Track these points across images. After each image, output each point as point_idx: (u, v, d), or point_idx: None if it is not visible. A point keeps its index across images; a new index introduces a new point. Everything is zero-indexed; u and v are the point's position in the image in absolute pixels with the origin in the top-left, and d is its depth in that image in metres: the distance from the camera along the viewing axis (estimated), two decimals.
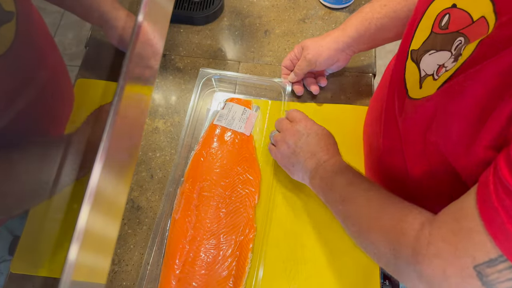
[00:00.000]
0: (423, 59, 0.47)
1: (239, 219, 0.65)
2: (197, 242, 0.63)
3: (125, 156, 0.30)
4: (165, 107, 0.78)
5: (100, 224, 0.25)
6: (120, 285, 0.63)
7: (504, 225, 0.33)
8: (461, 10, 0.42)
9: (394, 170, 0.58)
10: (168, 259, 0.63)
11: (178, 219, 0.65)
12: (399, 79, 0.52)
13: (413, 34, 0.50)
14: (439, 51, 0.44)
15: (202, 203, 0.66)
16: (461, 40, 0.41)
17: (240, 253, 0.63)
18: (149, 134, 0.75)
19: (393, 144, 0.56)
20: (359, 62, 0.82)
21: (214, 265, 0.62)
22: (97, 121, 0.39)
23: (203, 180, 0.68)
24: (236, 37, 0.86)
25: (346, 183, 0.55)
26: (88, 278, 0.25)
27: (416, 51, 0.48)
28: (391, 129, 0.56)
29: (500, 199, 0.33)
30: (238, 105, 0.75)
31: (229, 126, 0.73)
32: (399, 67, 0.53)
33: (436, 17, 0.45)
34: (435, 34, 0.46)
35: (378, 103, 0.64)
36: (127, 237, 0.66)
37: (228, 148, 0.71)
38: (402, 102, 0.50)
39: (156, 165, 0.72)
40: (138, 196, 0.70)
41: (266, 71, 0.82)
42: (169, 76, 0.81)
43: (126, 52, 0.29)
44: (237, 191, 0.67)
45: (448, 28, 0.43)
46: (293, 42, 0.85)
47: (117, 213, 0.28)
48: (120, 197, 0.28)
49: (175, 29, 0.87)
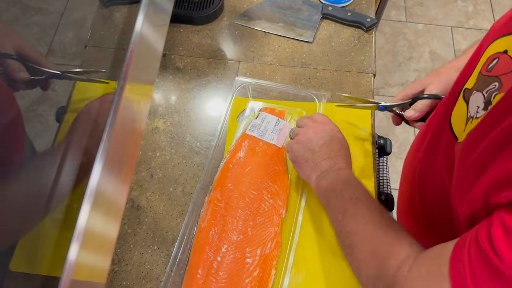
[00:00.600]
0: (471, 98, 0.47)
1: (265, 233, 0.63)
2: (221, 253, 0.62)
3: (125, 156, 0.30)
4: (165, 107, 0.78)
5: (100, 224, 0.25)
6: (120, 285, 0.63)
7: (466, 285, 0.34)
8: (510, 57, 0.41)
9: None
10: (191, 268, 0.62)
11: (204, 227, 0.64)
12: (446, 118, 0.51)
13: (471, 73, 0.49)
14: (478, 91, 0.44)
15: (229, 213, 0.65)
16: (496, 85, 0.41)
17: (264, 268, 0.61)
18: (149, 134, 0.75)
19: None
20: (359, 62, 0.82)
21: (237, 278, 0.60)
22: (82, 125, 0.38)
23: (231, 189, 0.67)
24: (236, 37, 0.86)
25: (353, 197, 0.55)
26: (88, 277, 0.25)
27: (469, 90, 0.48)
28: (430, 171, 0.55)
29: (470, 259, 0.35)
30: (271, 116, 0.74)
31: (261, 137, 0.72)
32: (449, 103, 0.52)
33: (487, 59, 0.45)
34: (481, 75, 0.45)
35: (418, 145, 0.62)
36: (127, 236, 0.67)
37: (258, 159, 0.70)
38: (452, 148, 0.49)
39: (156, 165, 0.72)
40: (138, 196, 0.70)
41: (266, 71, 0.82)
42: (169, 76, 0.81)
43: (126, 52, 0.30)
44: (265, 204, 0.66)
45: (492, 72, 0.43)
46: (293, 42, 0.85)
47: (117, 213, 0.28)
48: (120, 197, 0.28)
49: (175, 29, 0.87)
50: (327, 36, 0.86)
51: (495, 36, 0.46)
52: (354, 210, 0.53)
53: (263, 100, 0.78)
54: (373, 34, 0.86)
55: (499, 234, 0.33)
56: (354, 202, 0.54)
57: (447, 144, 0.51)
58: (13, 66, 0.37)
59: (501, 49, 0.44)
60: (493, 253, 0.33)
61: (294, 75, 0.81)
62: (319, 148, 0.60)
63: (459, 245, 0.37)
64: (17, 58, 0.37)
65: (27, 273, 0.35)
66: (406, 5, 2.16)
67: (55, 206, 0.31)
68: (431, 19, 2.12)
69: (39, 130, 0.39)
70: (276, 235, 0.63)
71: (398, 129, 1.80)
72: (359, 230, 0.52)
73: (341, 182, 0.57)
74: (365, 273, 0.48)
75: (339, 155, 0.60)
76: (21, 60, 0.37)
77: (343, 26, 0.87)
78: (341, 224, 0.54)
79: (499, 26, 0.46)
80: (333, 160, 0.59)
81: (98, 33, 0.50)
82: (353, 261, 0.52)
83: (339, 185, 0.57)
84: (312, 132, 0.62)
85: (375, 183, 0.69)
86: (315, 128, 0.62)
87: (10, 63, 0.37)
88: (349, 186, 0.56)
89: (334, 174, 0.58)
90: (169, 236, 0.66)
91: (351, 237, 0.53)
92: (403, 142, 1.76)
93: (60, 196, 0.31)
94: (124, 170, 0.29)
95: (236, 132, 0.74)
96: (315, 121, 0.64)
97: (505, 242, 0.32)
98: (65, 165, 0.32)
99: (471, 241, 0.36)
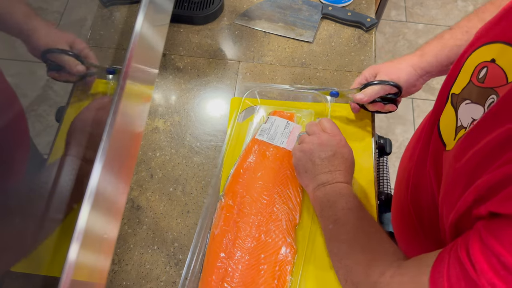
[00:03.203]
0: (461, 107, 0.47)
1: (279, 239, 0.63)
2: (235, 260, 0.61)
3: (125, 156, 0.30)
4: (165, 106, 0.78)
5: (100, 224, 0.25)
6: (120, 285, 0.63)
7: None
8: (499, 67, 0.42)
9: None
10: (206, 275, 0.61)
11: (218, 234, 0.64)
12: (434, 123, 0.52)
13: (456, 76, 0.49)
14: (474, 103, 0.44)
15: (242, 220, 0.65)
16: (494, 98, 0.41)
17: (280, 274, 0.61)
18: (149, 134, 0.75)
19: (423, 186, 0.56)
20: (359, 62, 0.82)
21: (252, 285, 0.60)
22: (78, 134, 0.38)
23: (243, 195, 0.67)
24: (236, 37, 0.86)
25: (345, 207, 0.56)
26: (88, 277, 0.25)
27: (456, 96, 0.48)
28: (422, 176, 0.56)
29: (449, 269, 0.36)
30: (280, 119, 0.74)
31: (270, 141, 0.71)
32: (438, 107, 0.52)
33: (476, 67, 0.45)
34: (473, 85, 0.45)
35: (410, 150, 0.63)
36: (127, 236, 0.67)
37: (269, 164, 0.69)
38: (440, 155, 0.49)
39: (156, 165, 0.72)
40: (138, 196, 0.70)
41: (266, 70, 0.82)
42: (169, 76, 0.81)
43: (126, 52, 0.30)
44: (277, 209, 0.65)
45: (484, 82, 0.43)
46: (293, 42, 0.85)
47: (117, 213, 0.28)
48: (120, 197, 0.28)
49: (175, 29, 0.87)
50: (327, 36, 0.86)
51: (480, 43, 0.46)
52: (344, 220, 0.54)
53: (271, 102, 0.77)
54: (373, 34, 0.86)
55: (476, 246, 0.33)
56: (345, 212, 0.55)
57: (434, 150, 0.51)
58: (70, 61, 0.40)
59: (488, 57, 0.44)
60: (470, 265, 0.33)
61: (294, 75, 0.81)
62: (320, 161, 0.60)
63: (441, 255, 0.38)
64: (72, 54, 0.40)
65: (27, 273, 0.35)
66: (406, 5, 2.16)
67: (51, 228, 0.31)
68: (431, 19, 2.12)
69: (39, 130, 0.39)
70: (290, 240, 0.63)
71: (398, 129, 1.80)
72: (347, 239, 0.53)
73: (336, 194, 0.58)
74: (350, 279, 0.50)
75: (339, 170, 0.60)
76: (75, 55, 0.41)
77: (343, 26, 0.87)
78: (331, 233, 0.56)
79: (484, 32, 0.46)
80: (332, 174, 0.59)
81: (98, 33, 0.49)
82: (339, 268, 0.53)
83: (333, 196, 0.57)
84: (317, 144, 0.62)
85: (375, 183, 0.69)
86: (321, 139, 0.62)
87: (67, 58, 0.41)
88: (342, 197, 0.57)
89: (330, 187, 0.59)
90: (169, 236, 0.66)
91: (339, 244, 0.54)
92: (403, 142, 1.76)
93: (57, 213, 0.31)
94: (124, 170, 0.29)
95: (246, 137, 0.74)
96: (323, 131, 0.64)
97: (481, 254, 0.33)
98: (62, 178, 0.32)
99: (452, 253, 0.36)
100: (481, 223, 0.35)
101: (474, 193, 0.36)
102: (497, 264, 0.31)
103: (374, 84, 0.66)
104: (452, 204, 0.40)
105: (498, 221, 0.33)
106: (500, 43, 0.42)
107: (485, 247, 0.33)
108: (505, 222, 0.32)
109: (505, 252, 0.31)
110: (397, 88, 0.66)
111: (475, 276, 0.33)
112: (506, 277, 0.30)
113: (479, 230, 0.34)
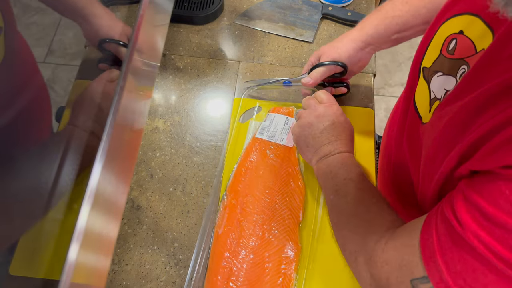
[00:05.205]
0: (433, 79, 0.48)
1: (282, 237, 0.63)
2: (240, 259, 0.62)
3: (125, 156, 0.30)
4: (165, 106, 0.78)
5: (100, 224, 0.25)
6: (120, 285, 0.63)
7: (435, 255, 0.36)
8: (467, 38, 0.43)
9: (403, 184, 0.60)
10: (211, 275, 0.61)
11: (222, 234, 0.64)
12: (410, 98, 0.53)
13: (425, 50, 0.50)
14: (446, 75, 0.45)
15: (245, 219, 0.65)
16: (465, 68, 0.42)
17: (285, 273, 0.61)
18: (149, 134, 0.75)
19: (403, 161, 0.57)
20: None
21: (257, 284, 0.60)
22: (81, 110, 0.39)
23: (246, 194, 0.67)
24: (236, 37, 0.86)
25: (346, 177, 0.56)
26: (88, 278, 0.25)
27: (428, 69, 0.49)
28: (400, 148, 0.57)
29: (437, 229, 0.37)
30: (280, 115, 0.74)
31: (271, 139, 0.72)
32: (411, 83, 0.53)
33: (445, 39, 0.46)
34: (443, 57, 0.46)
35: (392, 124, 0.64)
36: (127, 237, 0.66)
37: (270, 162, 0.69)
38: (416, 129, 0.50)
39: (156, 165, 0.72)
40: (138, 196, 0.70)
41: (266, 70, 0.81)
42: (169, 76, 0.81)
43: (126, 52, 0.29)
44: (280, 208, 0.65)
45: (454, 54, 0.44)
46: (293, 42, 0.85)
47: (117, 213, 0.28)
48: (120, 197, 0.28)
49: (175, 28, 0.87)
50: (327, 36, 0.86)
51: (448, 15, 0.47)
52: (345, 190, 0.55)
53: (271, 103, 0.77)
54: None
55: (460, 203, 0.35)
56: (346, 182, 0.55)
57: (411, 123, 0.52)
58: (122, 51, 0.40)
59: (456, 29, 0.45)
60: (456, 221, 0.35)
61: (294, 75, 0.81)
62: (320, 134, 0.61)
63: (428, 218, 0.40)
64: (123, 44, 0.41)
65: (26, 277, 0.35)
66: None
67: (57, 198, 0.31)
68: None
69: None
70: (294, 238, 0.63)
71: None
72: (346, 209, 0.53)
73: (338, 164, 0.58)
74: (348, 248, 0.50)
75: (339, 139, 0.60)
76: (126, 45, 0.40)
77: (343, 26, 0.87)
78: (332, 203, 0.56)
79: (451, 5, 0.47)
80: (333, 145, 0.60)
81: None
82: (339, 238, 0.54)
83: (335, 167, 0.58)
84: (314, 116, 0.62)
85: (376, 183, 0.69)
86: (317, 112, 0.62)
87: (120, 48, 0.41)
88: (344, 167, 0.57)
89: (332, 157, 0.59)
90: (169, 236, 0.66)
91: (338, 215, 0.54)
92: None
93: (63, 185, 0.31)
94: (124, 170, 0.29)
95: (247, 136, 0.74)
96: (319, 103, 0.64)
97: (465, 209, 0.34)
98: (70, 149, 0.33)
99: (438, 214, 0.38)
100: (463, 182, 0.36)
101: (456, 157, 0.37)
102: (479, 217, 0.33)
103: (318, 67, 0.68)
104: (432, 174, 0.42)
105: (478, 177, 0.34)
106: (467, 15, 0.43)
107: (468, 202, 0.34)
108: (484, 177, 0.33)
109: (486, 204, 0.32)
110: (342, 67, 0.67)
111: (461, 231, 0.34)
112: (489, 228, 0.32)
113: (462, 188, 0.36)
